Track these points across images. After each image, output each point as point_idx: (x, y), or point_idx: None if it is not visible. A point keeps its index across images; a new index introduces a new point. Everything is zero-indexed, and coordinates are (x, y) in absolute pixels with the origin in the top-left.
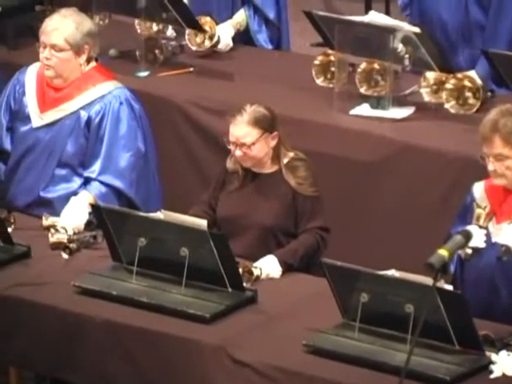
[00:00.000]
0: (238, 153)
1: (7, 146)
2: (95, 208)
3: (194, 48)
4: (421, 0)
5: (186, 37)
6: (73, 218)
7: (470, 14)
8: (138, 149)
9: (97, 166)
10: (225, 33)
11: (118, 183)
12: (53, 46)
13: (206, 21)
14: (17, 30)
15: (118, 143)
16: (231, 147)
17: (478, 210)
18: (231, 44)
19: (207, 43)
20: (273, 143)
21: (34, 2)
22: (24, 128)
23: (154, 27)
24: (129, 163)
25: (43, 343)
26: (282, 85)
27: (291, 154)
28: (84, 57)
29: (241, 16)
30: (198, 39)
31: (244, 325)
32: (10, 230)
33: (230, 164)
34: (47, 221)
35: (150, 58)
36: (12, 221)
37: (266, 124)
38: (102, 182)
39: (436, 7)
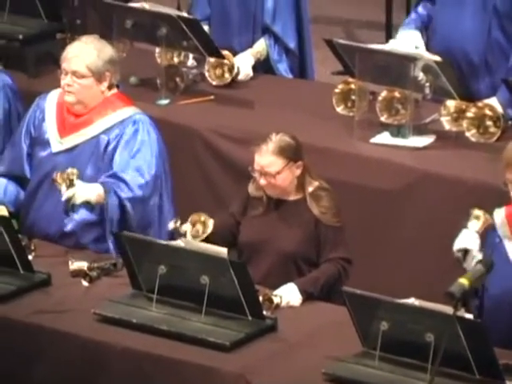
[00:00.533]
0: (263, 182)
1: (27, 172)
2: (116, 235)
3: (214, 82)
4: (443, 26)
5: (206, 73)
6: (86, 190)
7: (493, 40)
8: (148, 172)
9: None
10: (245, 63)
11: (123, 195)
12: (74, 73)
13: (224, 54)
14: (37, 58)
15: (129, 165)
16: (256, 175)
17: (476, 212)
18: (251, 74)
19: (227, 76)
20: (297, 172)
21: (54, 29)
22: (43, 153)
23: (175, 59)
24: (136, 182)
25: (63, 371)
26: (302, 113)
27: (316, 183)
28: (105, 84)
29: (261, 45)
30: (218, 72)
31: (264, 353)
32: (30, 257)
33: (252, 189)
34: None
35: (170, 85)
36: (32, 248)
37: (290, 153)
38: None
39: (458, 33)
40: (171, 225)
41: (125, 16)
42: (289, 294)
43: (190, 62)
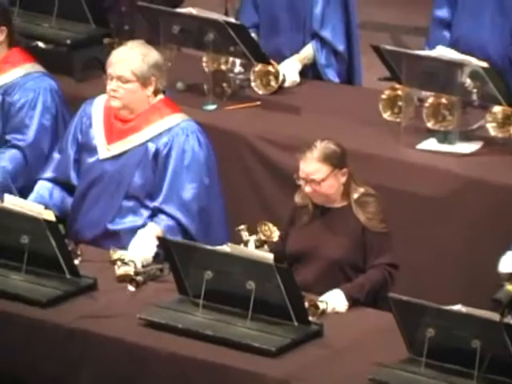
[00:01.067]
0: (308, 189)
1: (73, 178)
2: (162, 241)
3: (260, 92)
4: (463, 33)
5: (252, 83)
6: (141, 251)
7: None
8: (201, 181)
9: (161, 195)
10: (291, 69)
11: (179, 215)
12: (119, 78)
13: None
14: (84, 63)
15: (182, 174)
16: (301, 183)
17: None
18: (298, 80)
19: (273, 84)
20: (343, 179)
21: (102, 35)
22: (90, 160)
23: (222, 66)
24: (192, 195)
25: (109, 375)
26: (348, 119)
27: (362, 190)
28: (151, 88)
29: (308, 50)
30: (264, 81)
31: (309, 359)
32: (76, 262)
33: (298, 199)
34: (115, 254)
35: (217, 91)
36: (79, 253)
37: (335, 160)
38: (166, 214)
39: (478, 39)
40: (243, 232)
41: (172, 22)
42: (335, 300)
43: (238, 68)
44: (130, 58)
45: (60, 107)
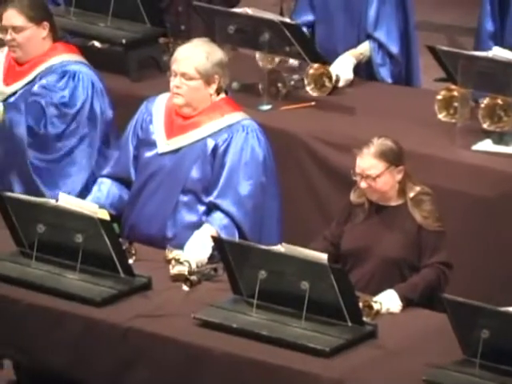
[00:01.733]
0: (363, 185)
1: (132, 175)
2: (217, 241)
3: (315, 94)
4: None
5: (307, 87)
6: (196, 252)
7: None
8: (258, 179)
9: (216, 190)
10: (345, 66)
11: (233, 210)
12: (183, 75)
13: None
14: (140, 63)
15: (239, 170)
16: (357, 179)
17: None
18: (351, 77)
19: (328, 85)
20: (398, 177)
21: (157, 34)
22: (148, 154)
23: (276, 59)
24: (248, 192)
25: (163, 375)
26: (404, 119)
27: (418, 189)
28: (214, 86)
29: (364, 47)
30: (318, 83)
31: (363, 359)
32: (131, 261)
33: (353, 197)
34: (171, 253)
35: (272, 91)
36: (133, 252)
37: (391, 157)
38: (221, 210)
39: None
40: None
41: (228, 21)
42: (389, 301)
43: (291, 60)
44: (195, 56)
45: (91, 98)
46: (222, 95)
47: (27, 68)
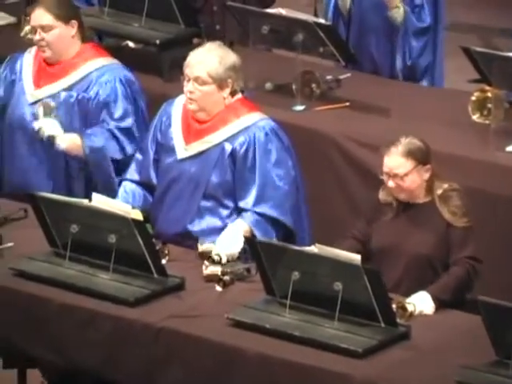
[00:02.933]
0: (391, 184)
1: (154, 178)
2: (250, 241)
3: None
4: None
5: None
6: (228, 245)
7: None
8: (290, 177)
9: (251, 198)
10: None
11: (274, 213)
12: (196, 79)
13: None
14: (173, 63)
15: (271, 173)
16: (384, 178)
17: None
18: None
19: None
20: (426, 176)
21: (191, 35)
22: (169, 160)
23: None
24: (284, 192)
25: (196, 375)
26: (437, 121)
27: (445, 186)
28: (227, 90)
29: None
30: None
31: (396, 360)
32: (164, 261)
33: (382, 195)
34: (202, 246)
35: (306, 92)
36: (166, 252)
37: (419, 156)
38: (257, 213)
39: None
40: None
41: (262, 22)
42: (422, 302)
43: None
44: (207, 60)
45: (135, 96)
46: (238, 96)
47: (59, 71)
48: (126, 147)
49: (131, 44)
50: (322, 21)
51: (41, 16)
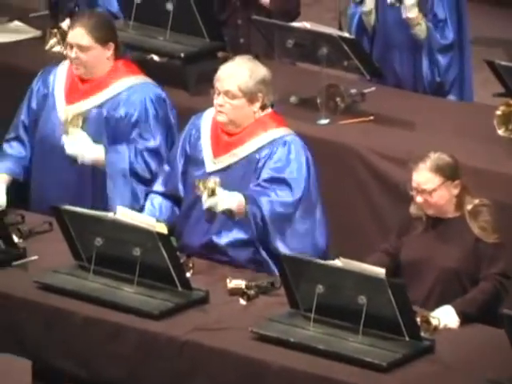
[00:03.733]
0: (419, 199)
1: (181, 191)
2: (274, 254)
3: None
4: None
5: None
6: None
7: None
8: (294, 196)
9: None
10: None
11: (265, 209)
12: (226, 93)
13: None
14: (198, 76)
15: (277, 182)
16: (413, 193)
17: None
18: None
19: None
20: (455, 191)
21: (216, 48)
22: (197, 173)
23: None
24: (280, 201)
25: None
26: (463, 135)
27: (476, 201)
28: (257, 104)
29: None
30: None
31: (421, 374)
32: (188, 274)
33: (413, 209)
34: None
35: (330, 105)
36: (191, 265)
37: (448, 172)
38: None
39: None
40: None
41: (286, 35)
42: (446, 316)
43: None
44: (238, 74)
45: (166, 115)
46: (268, 110)
47: (91, 88)
48: (152, 168)
49: (156, 57)
50: (346, 34)
51: (80, 36)
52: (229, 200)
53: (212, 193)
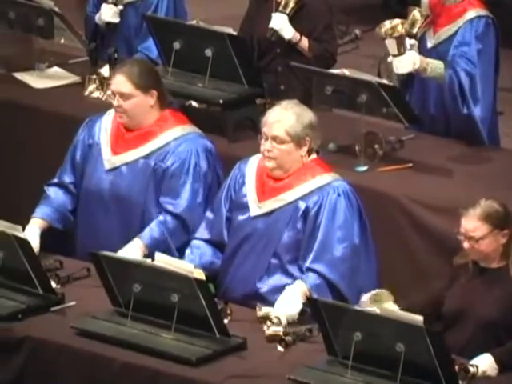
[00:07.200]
0: (466, 245)
1: (225, 237)
2: (312, 301)
3: None
4: None
5: None
6: (287, 307)
7: None
8: (352, 241)
9: (311, 255)
10: None
11: (329, 273)
12: (274, 138)
13: None
14: (237, 123)
15: (334, 233)
16: (461, 238)
17: None
18: None
19: None
20: (503, 240)
21: (254, 95)
22: (241, 217)
23: None
24: (342, 254)
25: None
26: (499, 181)
27: None
28: (305, 148)
29: None
30: None
31: None
32: (226, 321)
33: (457, 258)
34: (261, 311)
35: (369, 152)
36: (228, 312)
37: (497, 220)
38: (315, 271)
39: None
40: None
41: (325, 82)
42: (485, 364)
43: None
44: (285, 118)
45: (213, 167)
46: (314, 156)
47: (136, 137)
48: (190, 228)
49: (195, 104)
50: (385, 81)
51: (121, 83)
52: (293, 312)
53: (279, 320)
